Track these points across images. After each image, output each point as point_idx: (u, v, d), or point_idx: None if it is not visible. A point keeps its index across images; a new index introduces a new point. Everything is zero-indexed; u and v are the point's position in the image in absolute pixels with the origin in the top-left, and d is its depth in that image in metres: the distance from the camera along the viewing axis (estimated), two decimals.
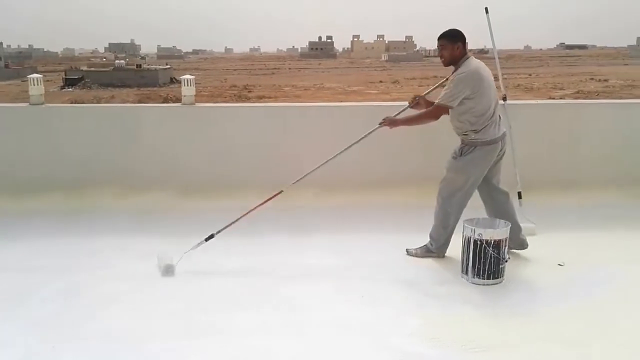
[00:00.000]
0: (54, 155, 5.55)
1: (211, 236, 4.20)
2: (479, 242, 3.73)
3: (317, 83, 52.78)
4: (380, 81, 54.65)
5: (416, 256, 4.27)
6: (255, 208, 4.36)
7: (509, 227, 3.85)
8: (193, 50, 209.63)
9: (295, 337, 3.19)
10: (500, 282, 3.82)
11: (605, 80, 49.68)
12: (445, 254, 4.27)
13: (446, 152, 4.22)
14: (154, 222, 5.01)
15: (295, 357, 2.99)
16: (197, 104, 5.74)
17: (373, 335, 3.20)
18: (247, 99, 35.46)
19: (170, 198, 5.46)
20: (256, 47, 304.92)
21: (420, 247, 4.29)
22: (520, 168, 4.86)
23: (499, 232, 3.77)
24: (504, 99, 5.05)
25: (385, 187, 5.54)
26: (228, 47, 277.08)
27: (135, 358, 2.98)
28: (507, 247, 3.82)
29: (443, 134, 5.47)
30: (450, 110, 4.04)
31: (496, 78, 4.65)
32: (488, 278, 3.78)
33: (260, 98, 36.84)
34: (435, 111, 4.07)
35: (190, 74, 6.09)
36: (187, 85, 5.63)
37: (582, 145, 5.61)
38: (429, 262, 4.19)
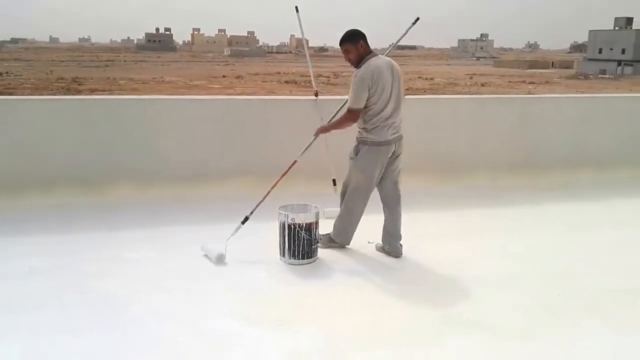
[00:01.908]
0: None
1: (246, 219, 4.30)
2: (292, 226, 4.01)
3: (157, 77, 50.90)
4: (224, 76, 54.23)
5: (322, 246, 4.31)
6: (276, 183, 4.38)
7: (318, 211, 4.17)
8: (11, 39, 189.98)
9: (108, 332, 3.16)
10: (314, 261, 4.14)
11: (432, 79, 54.31)
12: (349, 245, 4.40)
13: (288, 147, 4.40)
14: None
15: (108, 353, 2.98)
16: None
17: (189, 321, 3.29)
18: (78, 93, 33.10)
19: None
20: (86, 37, 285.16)
21: (324, 235, 4.35)
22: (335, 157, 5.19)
23: (309, 215, 4.08)
24: (316, 94, 5.38)
25: (206, 180, 5.67)
26: (53, 37, 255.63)
27: None
28: (318, 230, 4.15)
29: (282, 130, 5.70)
30: None
31: (309, 74, 4.92)
32: (302, 258, 4.08)
33: (92, 91, 34.64)
34: (349, 115, 4.05)
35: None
36: None
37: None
38: (250, 247, 4.32)
